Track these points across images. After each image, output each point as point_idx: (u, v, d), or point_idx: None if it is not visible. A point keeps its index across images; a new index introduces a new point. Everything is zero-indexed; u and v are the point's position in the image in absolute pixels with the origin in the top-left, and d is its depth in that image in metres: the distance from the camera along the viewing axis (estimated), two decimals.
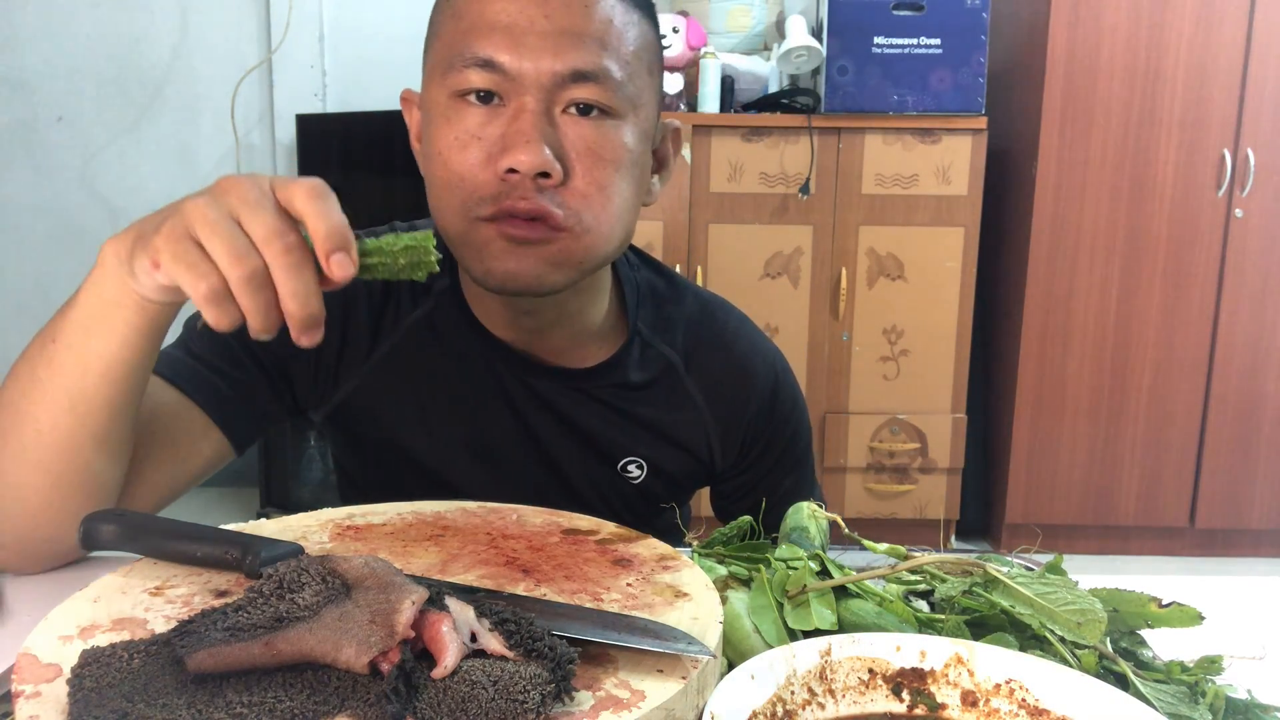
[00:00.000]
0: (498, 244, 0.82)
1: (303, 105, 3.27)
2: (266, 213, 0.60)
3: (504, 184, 0.80)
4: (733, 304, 1.07)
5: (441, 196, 0.84)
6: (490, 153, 0.81)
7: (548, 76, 0.80)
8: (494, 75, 0.80)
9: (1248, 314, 2.89)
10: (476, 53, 0.80)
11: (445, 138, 0.82)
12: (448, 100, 0.82)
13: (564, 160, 0.81)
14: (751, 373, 1.02)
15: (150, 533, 0.64)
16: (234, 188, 0.61)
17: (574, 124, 0.82)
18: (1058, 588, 0.63)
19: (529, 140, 0.79)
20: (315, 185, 0.62)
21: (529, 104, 0.80)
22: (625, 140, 0.84)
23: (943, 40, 2.77)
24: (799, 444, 1.06)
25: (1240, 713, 0.58)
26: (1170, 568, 2.96)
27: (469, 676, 0.47)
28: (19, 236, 3.37)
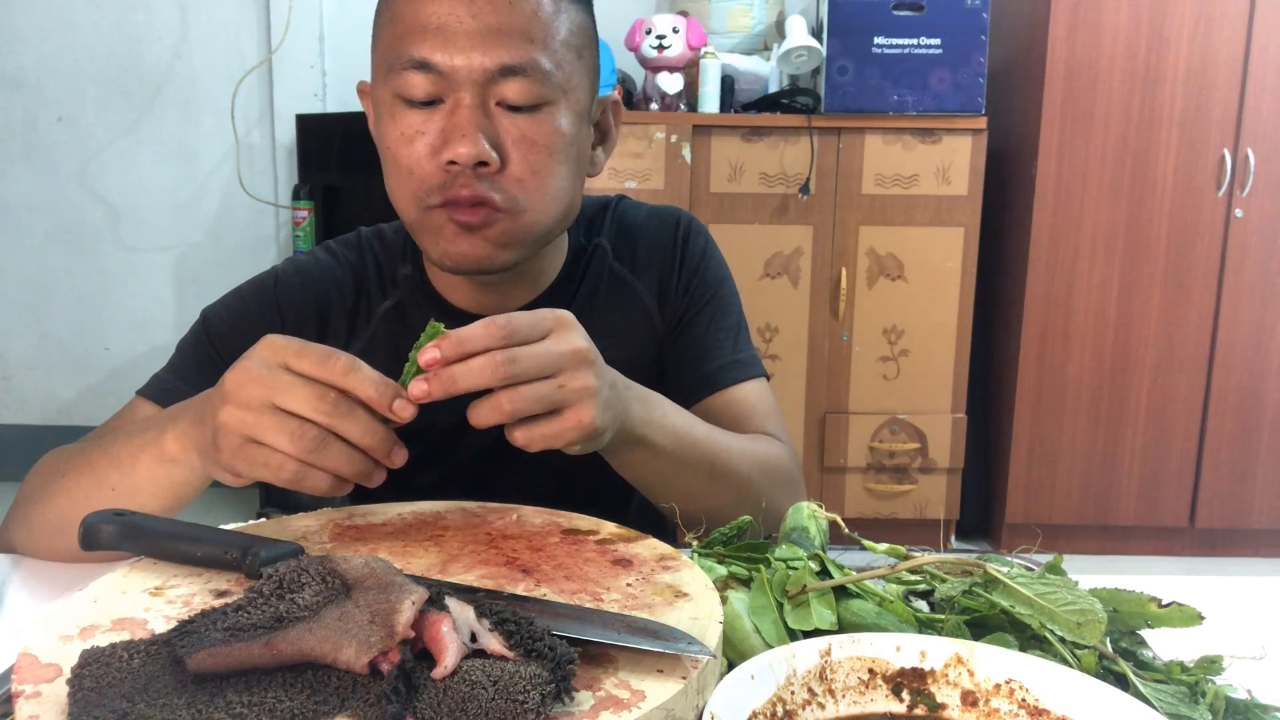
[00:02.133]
0: (449, 229, 0.89)
1: (303, 105, 3.27)
2: (291, 386, 0.66)
3: (447, 174, 0.87)
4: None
5: (396, 187, 0.91)
6: (433, 145, 0.87)
7: (479, 73, 0.86)
8: (430, 76, 0.86)
9: (1248, 314, 2.89)
10: (412, 54, 0.86)
11: (392, 133, 0.89)
12: (391, 99, 0.89)
13: (500, 149, 0.87)
14: (663, 230, 1.09)
15: (150, 533, 0.65)
16: (250, 383, 0.66)
17: (507, 115, 0.88)
18: (1058, 588, 0.63)
19: (465, 134, 0.85)
20: (323, 354, 0.67)
21: (464, 99, 0.86)
22: (559, 125, 0.90)
23: (943, 40, 2.77)
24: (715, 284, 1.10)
25: (1240, 713, 0.58)
26: (1170, 568, 2.96)
27: (469, 676, 0.47)
28: (19, 236, 3.37)
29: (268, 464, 0.66)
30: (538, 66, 0.87)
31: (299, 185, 3.16)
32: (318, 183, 3.18)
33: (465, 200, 0.87)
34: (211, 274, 3.38)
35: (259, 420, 0.65)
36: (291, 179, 3.29)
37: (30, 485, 0.91)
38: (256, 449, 0.66)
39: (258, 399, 0.66)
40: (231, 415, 0.66)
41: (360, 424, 0.66)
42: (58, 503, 0.84)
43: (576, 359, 0.72)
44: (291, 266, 1.06)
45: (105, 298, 3.42)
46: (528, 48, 0.86)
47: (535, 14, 0.87)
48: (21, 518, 0.90)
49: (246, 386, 0.66)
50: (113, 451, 0.81)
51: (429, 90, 0.86)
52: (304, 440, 0.65)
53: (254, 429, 0.66)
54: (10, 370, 3.45)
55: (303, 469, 0.66)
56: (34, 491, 0.89)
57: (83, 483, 0.83)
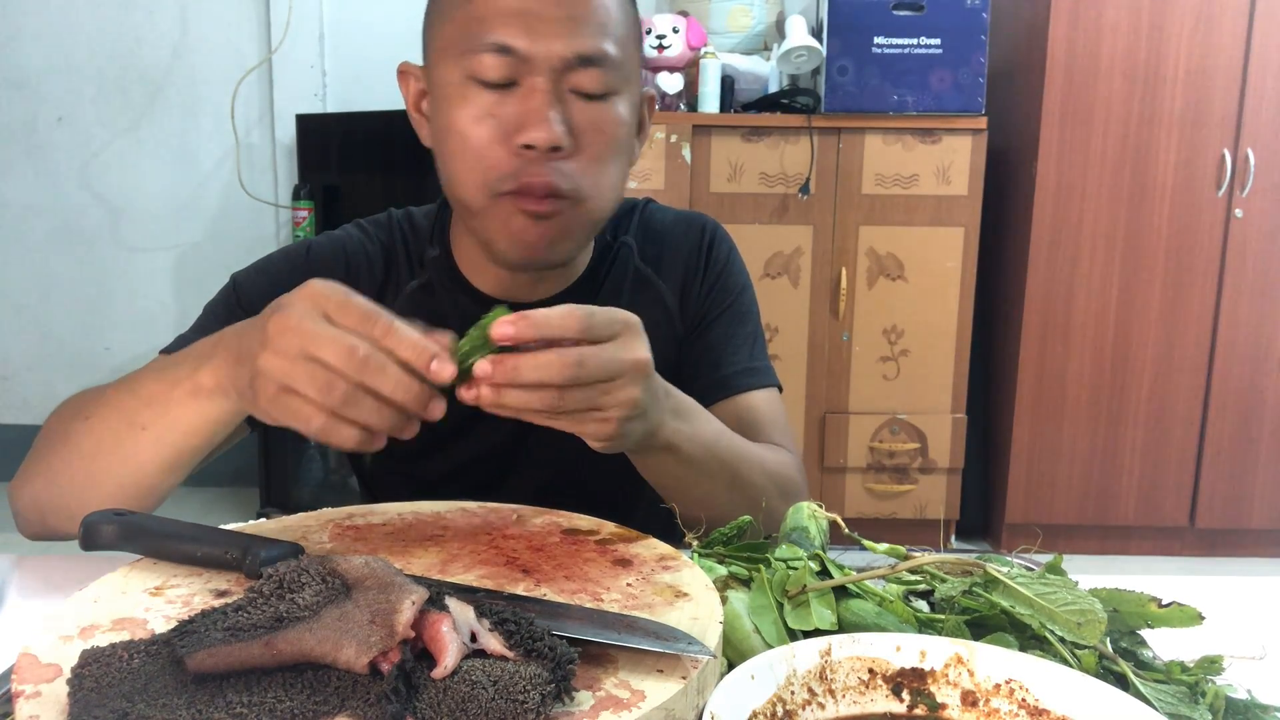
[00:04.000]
0: (518, 219, 0.89)
1: (303, 105, 3.27)
2: (330, 337, 0.65)
3: (519, 159, 0.87)
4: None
5: (460, 171, 0.90)
6: (505, 130, 0.87)
7: (558, 59, 0.87)
8: (508, 59, 0.86)
9: (1248, 314, 2.89)
10: (492, 37, 0.86)
11: (462, 116, 0.88)
12: (462, 80, 0.88)
13: (571, 135, 0.88)
14: (688, 235, 1.11)
15: (150, 533, 0.65)
16: (291, 331, 0.66)
17: (577, 103, 0.88)
18: (1058, 588, 0.63)
19: (543, 119, 0.85)
20: (365, 311, 0.66)
21: (540, 84, 0.87)
22: (621, 114, 0.91)
23: (943, 40, 2.77)
24: (737, 291, 1.11)
25: (1240, 713, 0.58)
26: (1170, 568, 2.96)
27: (469, 676, 0.47)
28: (19, 236, 3.37)
29: (298, 414, 0.66)
30: (609, 57, 0.89)
31: (299, 185, 3.16)
32: (318, 183, 3.18)
33: (538, 189, 0.87)
34: (211, 274, 3.36)
35: (293, 369, 0.65)
36: (291, 179, 3.29)
37: (50, 431, 0.88)
38: (290, 397, 0.66)
39: (295, 348, 0.65)
40: (269, 362, 0.66)
41: (392, 379, 0.65)
42: (84, 445, 0.83)
43: (636, 369, 0.72)
44: (325, 239, 1.06)
45: (105, 298, 3.42)
46: (602, 38, 0.88)
47: (606, 5, 0.90)
48: (41, 466, 0.87)
49: (285, 335, 0.66)
50: (142, 391, 0.80)
51: (504, 73, 0.87)
52: (334, 393, 0.64)
53: (289, 377, 0.65)
54: (10, 370, 3.45)
55: (331, 421, 0.65)
56: (55, 437, 0.87)
57: (111, 423, 0.81)
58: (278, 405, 0.67)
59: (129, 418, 0.80)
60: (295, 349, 0.65)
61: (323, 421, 0.65)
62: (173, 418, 0.78)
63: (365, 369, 0.64)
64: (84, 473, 0.83)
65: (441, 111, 0.92)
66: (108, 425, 0.82)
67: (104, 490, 0.81)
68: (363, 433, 0.66)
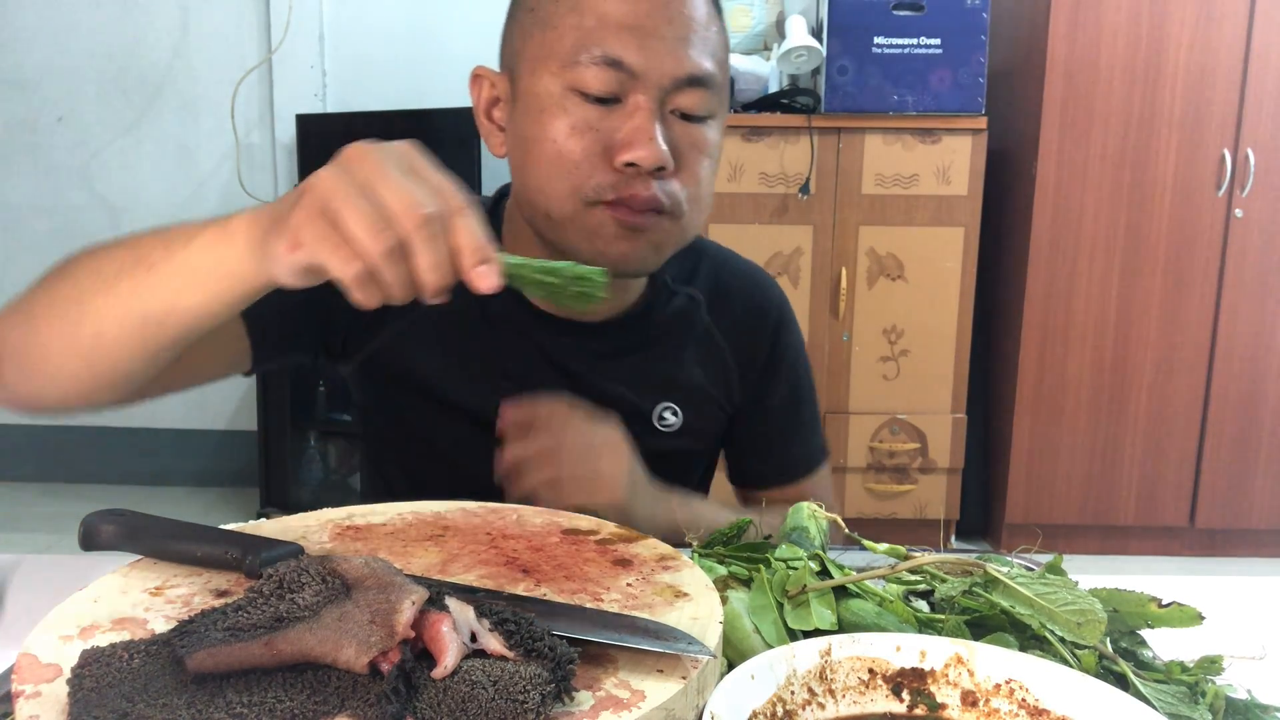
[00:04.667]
0: (610, 228, 0.87)
1: (303, 105, 3.27)
2: (399, 183, 0.60)
3: (618, 175, 0.86)
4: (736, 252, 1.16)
5: (550, 179, 0.88)
6: (606, 144, 0.86)
7: (668, 79, 0.86)
8: (616, 73, 0.85)
9: (1248, 314, 2.89)
10: (603, 50, 0.84)
11: (559, 126, 0.86)
12: (562, 91, 0.86)
13: (673, 155, 0.87)
14: (764, 309, 1.10)
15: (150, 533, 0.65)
16: (363, 159, 0.61)
17: (678, 122, 0.88)
18: (1058, 588, 0.63)
19: (650, 138, 0.84)
20: (447, 184, 0.62)
21: (645, 102, 0.85)
22: (715, 137, 0.91)
23: (943, 40, 2.77)
24: (801, 374, 1.13)
25: (1240, 713, 0.58)
26: (1170, 568, 2.96)
27: (469, 676, 0.47)
28: (19, 236, 3.37)
29: (339, 248, 0.59)
30: (714, 80, 0.88)
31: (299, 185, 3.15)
32: None
33: (640, 203, 0.86)
34: None
35: (349, 195, 0.59)
36: (291, 179, 3.29)
37: (50, 271, 0.80)
38: (327, 226, 0.60)
39: (362, 175, 0.60)
40: (328, 180, 0.60)
41: (435, 255, 0.60)
42: (79, 277, 0.75)
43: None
44: None
45: None
46: (709, 60, 0.88)
47: (711, 27, 0.89)
48: (24, 302, 0.79)
49: (360, 160, 0.61)
50: (165, 234, 0.72)
51: (610, 88, 0.85)
52: (379, 240, 0.58)
53: (341, 201, 0.59)
54: None
55: (369, 274, 0.59)
56: (52, 272, 0.79)
57: (117, 257, 0.73)
58: (315, 228, 0.60)
59: (138, 254, 0.72)
60: (363, 176, 0.60)
61: (363, 268, 0.59)
62: (184, 258, 0.69)
63: (421, 229, 0.59)
64: (67, 310, 0.75)
65: (531, 121, 0.88)
66: (112, 258, 0.74)
67: (78, 336, 0.74)
68: (382, 297, 0.61)
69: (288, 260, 0.62)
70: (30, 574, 0.84)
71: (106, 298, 0.72)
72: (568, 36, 0.86)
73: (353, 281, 0.59)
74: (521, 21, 0.91)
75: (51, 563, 0.86)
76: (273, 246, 0.63)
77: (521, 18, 0.91)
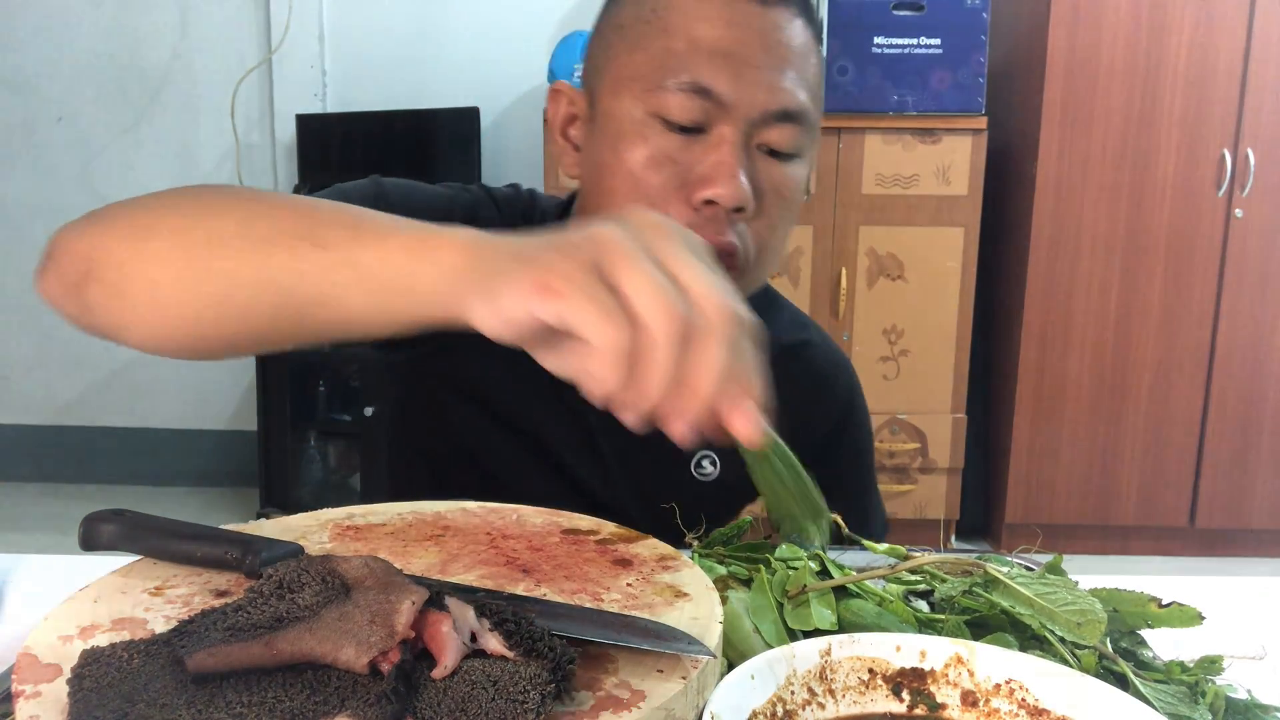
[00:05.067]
0: None
1: (303, 105, 3.27)
2: (701, 268, 0.49)
3: (695, 213, 0.79)
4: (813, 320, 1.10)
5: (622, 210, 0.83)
6: (685, 178, 0.80)
7: (759, 112, 0.80)
8: (704, 102, 0.79)
9: (1248, 314, 2.89)
10: (691, 77, 0.79)
11: (637, 155, 0.81)
12: (644, 116, 0.81)
13: (755, 195, 0.81)
14: (832, 386, 1.04)
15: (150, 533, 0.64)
16: (658, 229, 0.51)
17: (764, 160, 0.82)
18: (1058, 588, 0.63)
19: (733, 175, 0.78)
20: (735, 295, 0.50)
21: (730, 134, 0.79)
22: (801, 178, 0.85)
23: (943, 40, 2.77)
24: (864, 458, 1.09)
25: (1240, 713, 0.58)
26: (1170, 568, 2.96)
27: (469, 676, 0.47)
28: (19, 236, 3.37)
29: (611, 312, 0.46)
30: (808, 115, 0.82)
31: (299, 185, 3.16)
32: (318, 183, 3.17)
33: (717, 248, 0.77)
34: None
35: (641, 259, 0.47)
36: (291, 179, 3.29)
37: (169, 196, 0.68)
38: (605, 286, 0.47)
39: (657, 247, 0.49)
40: (615, 236, 0.48)
41: (722, 362, 0.48)
42: (219, 224, 0.62)
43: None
44: (483, 193, 0.94)
45: None
46: (803, 94, 0.82)
47: (810, 58, 0.83)
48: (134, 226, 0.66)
49: (654, 230, 0.50)
50: (343, 213, 0.61)
51: (695, 117, 0.79)
52: (674, 322, 0.47)
53: (632, 263, 0.47)
54: (10, 370, 3.45)
55: (631, 354, 0.47)
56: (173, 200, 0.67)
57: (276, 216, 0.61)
58: (587, 282, 0.47)
59: (307, 225, 0.60)
60: (654, 247, 0.49)
61: (629, 343, 0.47)
62: (365, 256, 0.56)
63: (724, 325, 0.48)
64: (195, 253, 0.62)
65: (609, 145, 0.83)
66: (268, 215, 0.62)
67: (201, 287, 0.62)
68: (629, 393, 0.49)
69: (528, 305, 0.49)
70: (30, 574, 0.84)
71: (250, 258, 0.60)
72: (655, 59, 0.80)
73: (611, 356, 0.47)
74: (607, 39, 0.86)
75: (51, 563, 0.86)
76: (502, 286, 0.50)
77: (608, 35, 0.86)
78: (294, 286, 0.59)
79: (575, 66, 2.83)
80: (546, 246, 0.51)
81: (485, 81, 3.26)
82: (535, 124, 3.04)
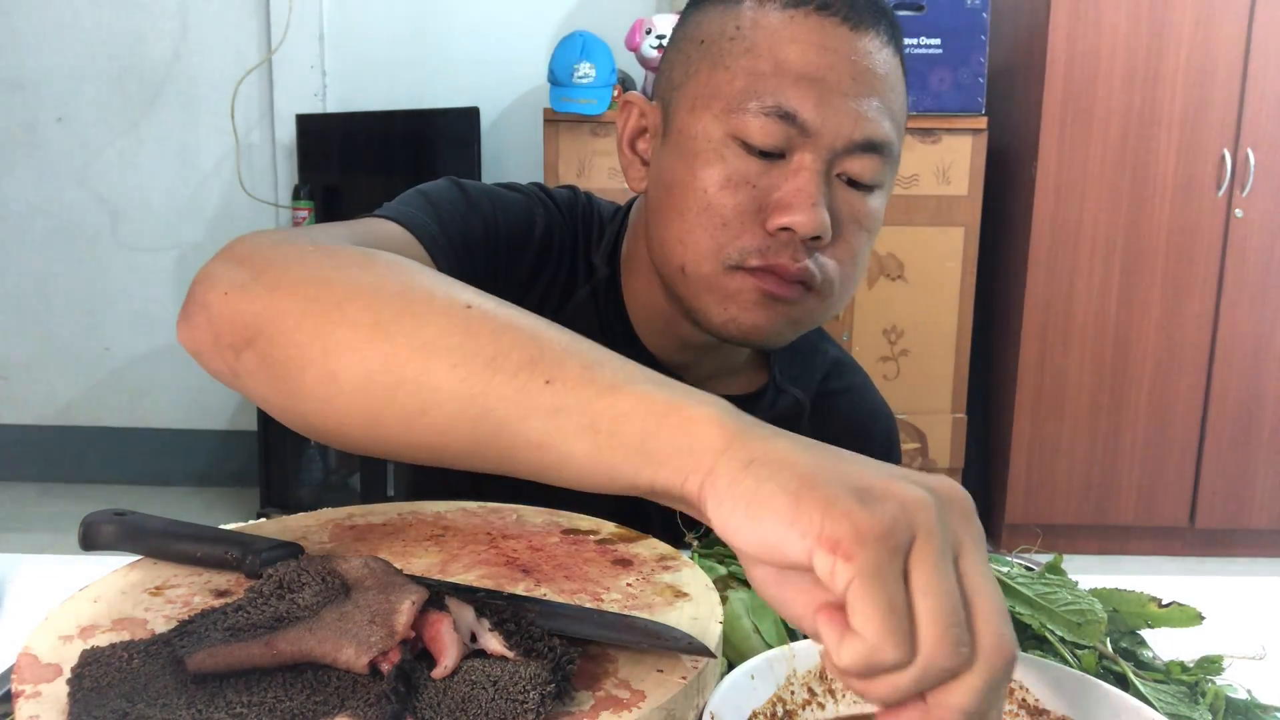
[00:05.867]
0: (749, 295, 0.80)
1: (303, 105, 3.27)
2: (988, 565, 0.42)
3: (769, 239, 0.78)
4: (857, 362, 1.08)
5: (693, 231, 0.80)
6: (761, 203, 0.78)
7: (843, 140, 0.78)
8: (787, 127, 0.77)
9: (1248, 314, 2.89)
10: (779, 101, 0.77)
11: (713, 176, 0.79)
12: (723, 137, 0.79)
13: (833, 224, 0.79)
14: (869, 434, 1.02)
15: (150, 533, 0.64)
16: (960, 502, 0.43)
17: (844, 189, 0.80)
18: (1058, 588, 0.63)
19: (813, 204, 0.76)
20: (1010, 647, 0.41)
21: (810, 162, 0.77)
22: (880, 210, 0.83)
23: (943, 40, 2.77)
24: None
25: (1240, 713, 0.58)
26: (1170, 568, 2.96)
27: (469, 676, 0.47)
28: (19, 236, 3.37)
29: (901, 623, 0.39)
30: (892, 148, 0.80)
31: (299, 185, 3.16)
32: (318, 183, 3.18)
33: (790, 274, 0.78)
34: None
35: (945, 569, 0.40)
36: (291, 179, 3.30)
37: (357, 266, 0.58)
38: (903, 586, 0.39)
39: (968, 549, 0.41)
40: (926, 515, 0.40)
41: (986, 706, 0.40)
42: (433, 332, 0.53)
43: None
44: (544, 195, 0.93)
45: (105, 298, 3.42)
46: (889, 125, 0.79)
47: (895, 89, 0.81)
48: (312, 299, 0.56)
49: (967, 522, 0.42)
50: (587, 356, 0.51)
51: (776, 142, 0.77)
52: (958, 655, 0.39)
53: (936, 565, 0.40)
54: (10, 370, 3.45)
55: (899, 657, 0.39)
56: (367, 278, 0.57)
57: (503, 341, 0.52)
58: (888, 569, 0.39)
59: (524, 348, 0.51)
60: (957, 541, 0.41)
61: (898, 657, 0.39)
62: (606, 404, 0.49)
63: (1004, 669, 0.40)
64: (396, 355, 0.53)
65: (682, 163, 0.81)
66: (491, 335, 0.52)
67: (395, 396, 0.53)
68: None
69: (804, 548, 0.40)
70: (30, 574, 0.84)
71: (465, 380, 0.52)
72: (739, 79, 0.78)
73: (873, 659, 0.39)
74: (687, 54, 0.83)
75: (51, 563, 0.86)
76: (773, 507, 0.42)
77: (687, 49, 0.83)
78: (510, 421, 0.51)
79: (576, 66, 2.83)
80: (837, 478, 0.42)
81: (485, 81, 3.26)
82: (535, 124, 3.05)
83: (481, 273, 0.85)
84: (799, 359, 1.01)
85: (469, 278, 0.81)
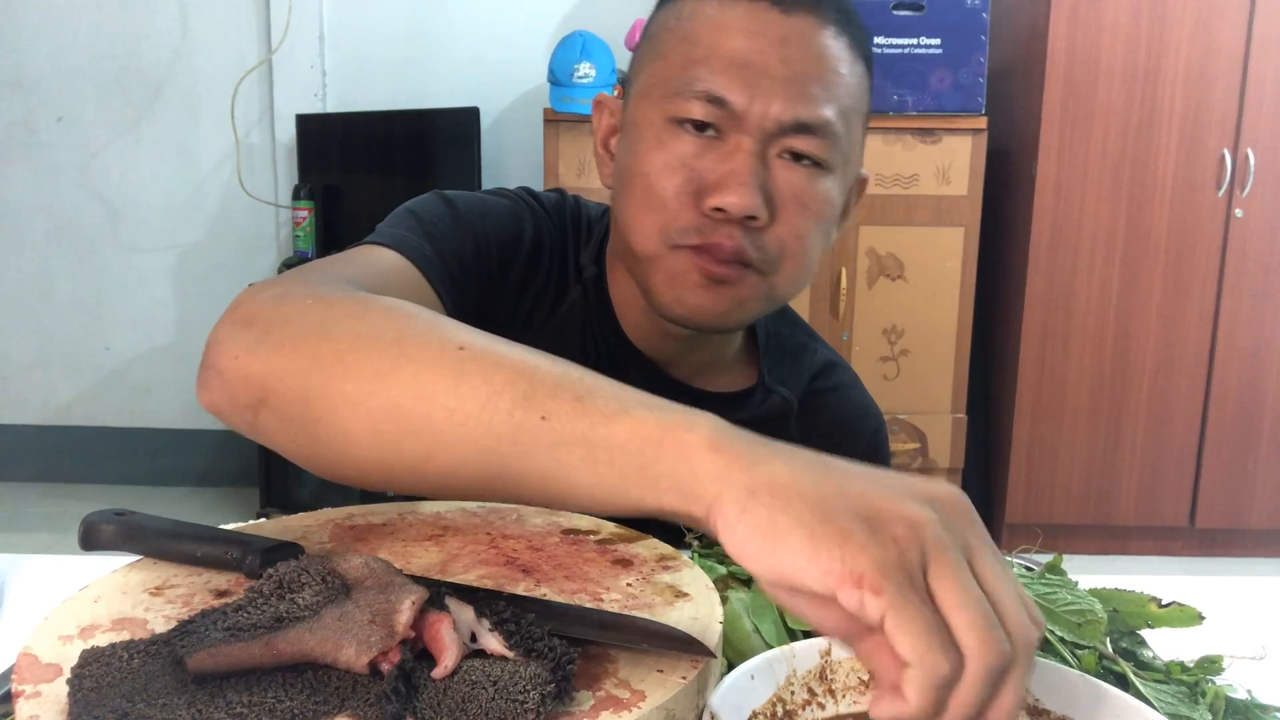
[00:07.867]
0: (691, 277, 0.82)
1: (303, 105, 3.27)
2: (1000, 561, 0.44)
3: (706, 219, 0.80)
4: (847, 362, 1.08)
5: (638, 216, 0.83)
6: (698, 185, 0.80)
7: (772, 122, 0.79)
8: (718, 111, 0.79)
9: (1248, 314, 2.89)
10: (707, 87, 0.79)
11: (653, 161, 0.82)
12: (662, 123, 0.82)
13: (770, 203, 0.80)
14: (856, 433, 1.03)
15: (150, 533, 0.64)
16: (958, 506, 0.45)
17: (785, 169, 0.81)
18: (1058, 588, 0.63)
19: (743, 183, 0.78)
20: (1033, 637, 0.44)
21: (745, 144, 0.79)
22: (830, 193, 0.84)
23: (943, 40, 2.77)
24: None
25: (1240, 713, 0.58)
26: (1170, 568, 2.96)
27: (469, 676, 0.47)
28: (19, 236, 3.37)
29: (935, 637, 0.40)
30: (831, 129, 0.81)
31: (299, 185, 3.16)
32: (318, 183, 3.18)
33: (725, 252, 0.80)
34: (211, 274, 3.38)
35: (966, 578, 0.42)
36: (291, 179, 3.30)
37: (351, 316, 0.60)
38: (926, 601, 0.41)
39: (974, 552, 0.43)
40: (935, 533, 0.42)
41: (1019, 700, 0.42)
42: (433, 380, 0.55)
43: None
44: (532, 200, 0.94)
45: (105, 298, 3.42)
46: (826, 106, 0.80)
47: (839, 73, 0.82)
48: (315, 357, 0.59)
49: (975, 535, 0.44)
50: (563, 370, 0.54)
51: (709, 123, 0.80)
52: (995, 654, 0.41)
53: (957, 578, 0.42)
54: (10, 370, 3.45)
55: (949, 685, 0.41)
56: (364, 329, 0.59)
57: (499, 381, 0.53)
58: (908, 587, 0.41)
59: (516, 385, 0.53)
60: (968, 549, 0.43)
61: (949, 673, 0.41)
62: (602, 434, 0.50)
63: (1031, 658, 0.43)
64: (400, 403, 0.55)
65: (632, 152, 0.84)
66: (470, 364, 0.54)
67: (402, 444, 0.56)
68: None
69: (827, 584, 0.42)
70: (30, 574, 0.84)
71: (465, 425, 0.53)
72: (675, 67, 0.82)
73: (931, 683, 0.40)
74: (641, 50, 0.88)
75: (51, 563, 0.86)
76: (791, 541, 0.43)
77: (642, 47, 0.88)
78: (512, 459, 0.53)
79: (576, 66, 2.83)
80: (846, 508, 0.43)
81: (485, 81, 3.26)
82: (535, 124, 3.04)
83: (475, 287, 0.87)
84: (789, 359, 1.02)
85: (463, 294, 0.84)
